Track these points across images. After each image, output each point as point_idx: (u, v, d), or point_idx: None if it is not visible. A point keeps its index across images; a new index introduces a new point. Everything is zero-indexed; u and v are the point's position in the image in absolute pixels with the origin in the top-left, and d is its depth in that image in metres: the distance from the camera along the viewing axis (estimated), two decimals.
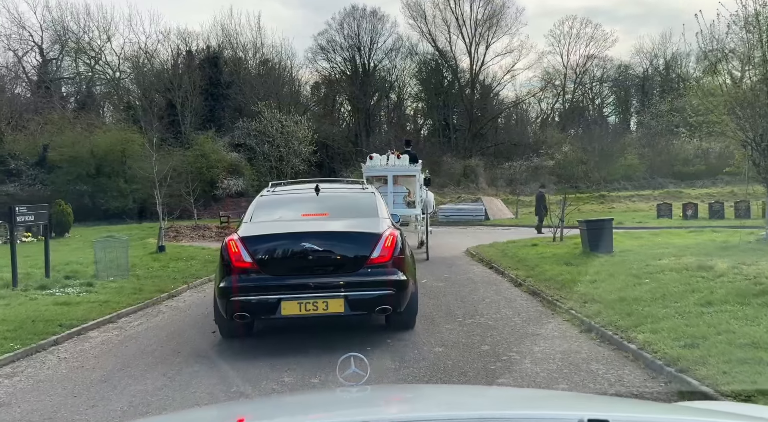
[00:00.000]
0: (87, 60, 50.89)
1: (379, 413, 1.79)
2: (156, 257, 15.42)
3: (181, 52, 46.01)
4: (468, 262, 14.61)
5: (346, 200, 7.64)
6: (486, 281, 11.32)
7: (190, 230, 23.45)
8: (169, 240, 22.13)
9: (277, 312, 6.12)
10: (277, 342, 7.09)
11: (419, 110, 56.90)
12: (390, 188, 14.24)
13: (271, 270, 6.26)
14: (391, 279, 6.27)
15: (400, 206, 14.34)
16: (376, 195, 7.67)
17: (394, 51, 51.92)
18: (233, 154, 39.90)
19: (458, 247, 18.21)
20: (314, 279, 6.22)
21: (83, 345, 7.38)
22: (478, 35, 49.52)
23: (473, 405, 1.89)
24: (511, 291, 10.06)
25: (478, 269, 13.24)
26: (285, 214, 7.17)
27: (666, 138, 45.20)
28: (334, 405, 1.93)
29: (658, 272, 9.44)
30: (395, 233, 6.60)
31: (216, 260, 15.14)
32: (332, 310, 6.12)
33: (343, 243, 6.43)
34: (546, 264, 11.55)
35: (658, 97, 49.68)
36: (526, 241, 16.85)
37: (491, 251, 15.28)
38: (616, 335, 6.29)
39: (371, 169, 14.62)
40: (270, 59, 49.83)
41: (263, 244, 6.35)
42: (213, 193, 38.65)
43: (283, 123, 39.76)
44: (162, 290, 10.81)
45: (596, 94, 57.64)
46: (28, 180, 36.94)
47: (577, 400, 2.33)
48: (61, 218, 26.06)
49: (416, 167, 14.88)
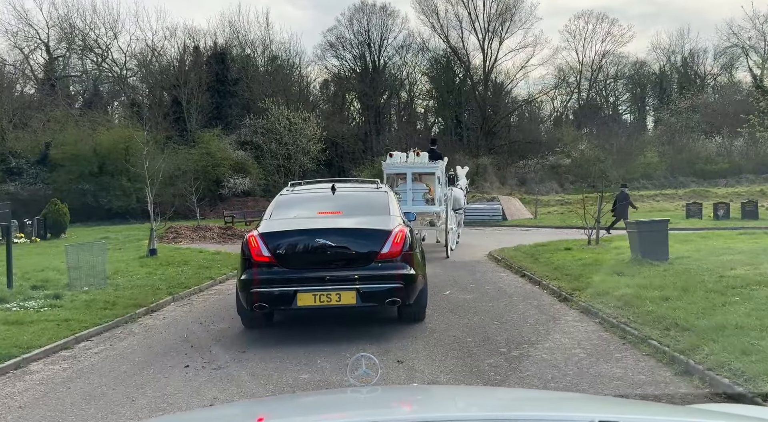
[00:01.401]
0: (93, 58, 49.41)
1: (395, 413, 1.78)
2: (144, 262, 13.64)
3: (188, 48, 44.28)
4: (493, 268, 12.71)
5: (359, 198, 7.83)
6: (522, 293, 9.42)
7: (190, 230, 21.69)
8: (168, 242, 20.39)
9: (293, 303, 6.38)
10: (260, 393, 5.27)
11: (430, 109, 54.92)
12: (408, 185, 13.99)
13: (288, 264, 6.52)
14: (400, 273, 6.49)
15: (419, 203, 14.01)
16: (388, 194, 7.81)
17: (405, 47, 50.05)
18: (240, 152, 38.12)
19: (479, 249, 16.34)
20: (328, 273, 6.41)
21: (12, 388, 5.56)
22: (492, 30, 47.47)
23: (485, 406, 1.89)
24: (557, 308, 8.16)
25: (508, 277, 11.34)
26: (302, 212, 7.38)
27: (686, 135, 43.03)
28: (349, 405, 1.91)
29: (743, 287, 7.51)
30: (405, 229, 6.79)
31: (212, 264, 13.39)
32: (345, 302, 6.35)
33: (355, 239, 6.62)
34: (592, 274, 9.63)
35: (677, 94, 47.48)
36: (556, 244, 14.93)
37: (519, 256, 13.39)
38: (740, 386, 4.38)
39: (391, 166, 14.46)
40: (278, 56, 48.09)
41: (281, 239, 6.57)
42: (219, 192, 36.91)
43: (291, 120, 37.97)
44: (139, 304, 8.99)
45: (610, 92, 55.48)
46: (29, 179, 35.37)
47: (589, 402, 2.18)
48: (57, 217, 24.35)
49: (436, 164, 14.33)
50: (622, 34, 53.31)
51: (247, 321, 7.25)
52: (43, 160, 36.01)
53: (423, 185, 14.46)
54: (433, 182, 14.90)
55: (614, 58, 52.51)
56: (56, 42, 48.73)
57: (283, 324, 7.76)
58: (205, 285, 11.05)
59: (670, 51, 52.89)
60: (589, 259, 11.51)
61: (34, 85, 48.37)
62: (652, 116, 55.25)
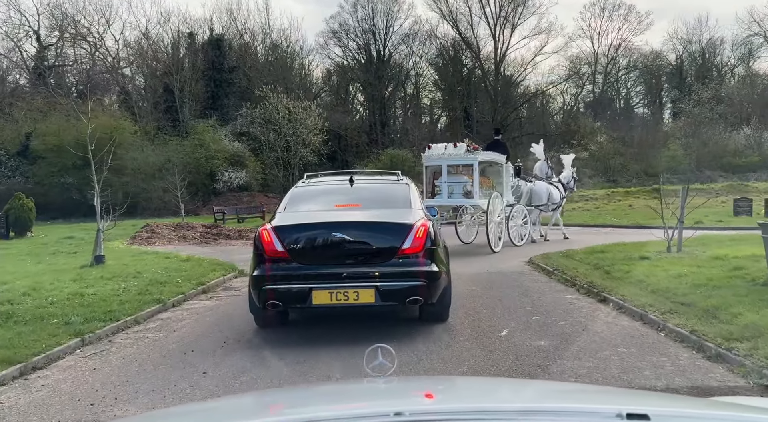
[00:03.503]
0: (87, 46, 45.75)
1: (415, 403, 1.63)
2: (82, 274, 10.03)
3: (182, 33, 40.55)
4: (548, 285, 9.08)
5: (379, 191, 7.18)
6: (635, 342, 5.72)
7: (169, 229, 18.12)
8: (140, 242, 16.84)
9: (308, 301, 5.82)
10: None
11: (437, 101, 51.08)
12: (444, 178, 13.43)
13: (303, 260, 5.95)
14: (422, 270, 5.90)
15: (457, 196, 13.36)
16: (410, 187, 7.08)
17: (411, 36, 46.25)
18: (236, 143, 34.43)
19: (513, 254, 12.79)
20: (345, 269, 5.86)
21: None
22: (503, 16, 43.63)
23: (508, 397, 1.79)
24: (731, 385, 4.53)
25: (579, 302, 7.70)
26: (318, 205, 6.74)
27: (712, 127, 39.31)
28: (366, 395, 1.78)
29: None
30: (427, 223, 6.14)
31: (172, 278, 9.74)
32: (363, 300, 5.79)
33: (374, 233, 6.06)
34: (733, 305, 5.99)
35: (700, 84, 43.70)
36: (616, 249, 11.31)
37: (577, 267, 9.78)
38: None
39: (428, 158, 13.91)
40: (279, 45, 44.37)
41: (295, 233, 6.03)
42: (213, 186, 33.32)
43: (290, 110, 34.33)
44: (14, 357, 5.39)
45: (622, 84, 51.63)
46: (7, 172, 31.85)
47: (615, 394, 2.05)
48: (21, 214, 20.79)
49: (474, 156, 13.38)
50: (639, 22, 49.25)
51: (260, 320, 6.59)
52: (24, 151, 32.49)
53: (462, 178, 13.59)
54: (497, 175, 14.49)
55: (626, 51, 48.75)
56: (47, 30, 45.21)
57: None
58: (145, 313, 7.45)
59: (686, 40, 49.12)
60: (693, 275, 7.88)
61: (26, 75, 44.94)
62: (668, 108, 51.59)
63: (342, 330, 6.37)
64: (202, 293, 9.03)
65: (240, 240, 17.17)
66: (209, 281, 9.63)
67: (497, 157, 14.29)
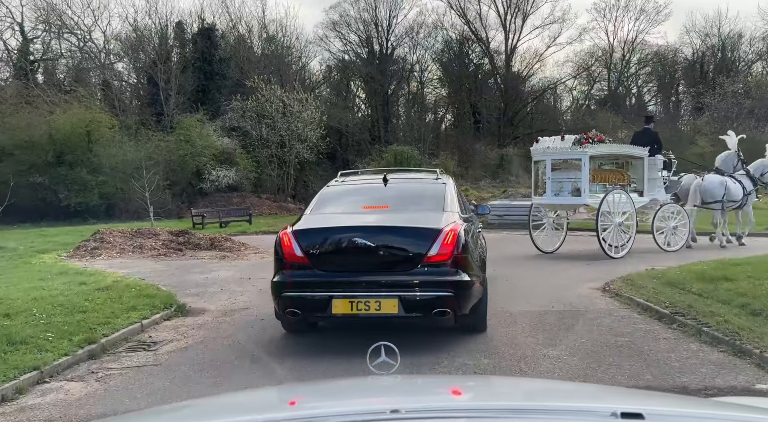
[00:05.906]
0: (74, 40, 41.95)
1: (417, 401, 1.59)
2: None
3: (170, 22, 36.67)
4: (678, 349, 5.21)
5: (412, 191, 6.67)
6: None
7: (125, 238, 14.19)
8: (82, 255, 12.97)
9: (327, 311, 5.38)
10: None
11: (442, 98, 47.12)
12: (548, 174, 12.07)
13: (323, 266, 5.55)
14: (450, 280, 5.31)
15: (564, 193, 11.82)
16: (447, 186, 6.44)
17: (416, 26, 42.36)
18: (225, 139, 30.53)
19: (563, 272, 8.95)
20: (366, 277, 5.40)
21: None
22: (515, 3, 39.70)
23: (504, 396, 1.76)
24: None
25: None
26: (346, 206, 6.33)
27: (742, 122, 35.44)
28: (383, 391, 1.73)
29: None
30: (457, 228, 5.49)
31: (49, 326, 5.84)
32: (385, 311, 5.28)
33: (398, 238, 5.54)
34: None
35: (724, 77, 39.80)
36: (718, 266, 7.45)
37: (708, 305, 5.92)
38: None
39: (535, 153, 12.49)
40: (274, 36, 40.51)
41: (316, 238, 5.63)
42: (199, 186, 29.41)
43: (284, 102, 30.48)
44: None
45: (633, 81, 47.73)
46: None
47: (611, 393, 1.99)
48: None
49: (584, 149, 11.46)
50: (657, 12, 45.04)
51: (286, 325, 6.08)
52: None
53: (571, 174, 11.90)
54: (637, 169, 12.45)
55: (641, 45, 44.78)
56: (32, 23, 41.42)
57: None
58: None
59: (704, 34, 45.15)
60: None
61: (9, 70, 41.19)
62: (684, 105, 47.76)
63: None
64: (78, 364, 5.12)
65: (210, 251, 13.31)
66: (112, 332, 5.78)
67: (629, 149, 12.20)
